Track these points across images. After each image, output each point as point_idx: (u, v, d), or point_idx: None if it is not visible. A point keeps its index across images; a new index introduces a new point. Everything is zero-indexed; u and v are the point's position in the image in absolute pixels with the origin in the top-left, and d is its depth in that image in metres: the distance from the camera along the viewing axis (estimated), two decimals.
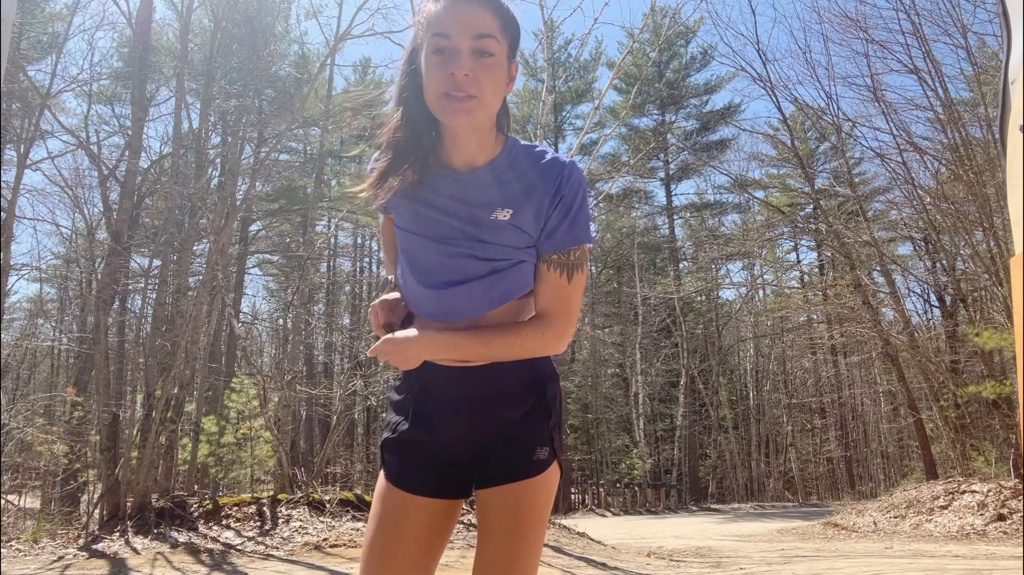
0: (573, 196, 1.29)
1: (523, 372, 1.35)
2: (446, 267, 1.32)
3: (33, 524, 10.29)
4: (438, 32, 1.22)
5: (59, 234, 24.47)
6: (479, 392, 1.34)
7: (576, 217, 1.30)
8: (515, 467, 1.30)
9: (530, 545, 1.29)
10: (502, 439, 1.33)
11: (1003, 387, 12.35)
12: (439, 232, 1.32)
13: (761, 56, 20.94)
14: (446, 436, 1.35)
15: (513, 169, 1.30)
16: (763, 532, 13.24)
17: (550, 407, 1.36)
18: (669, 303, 29.68)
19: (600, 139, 24.21)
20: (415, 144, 1.30)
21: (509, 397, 1.34)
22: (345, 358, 22.88)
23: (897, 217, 20.38)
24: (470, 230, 1.30)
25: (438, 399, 1.36)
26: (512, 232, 1.29)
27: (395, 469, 1.37)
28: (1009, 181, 1.08)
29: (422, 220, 1.33)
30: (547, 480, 1.32)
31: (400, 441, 1.38)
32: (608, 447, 30.32)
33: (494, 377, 1.33)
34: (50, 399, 17.08)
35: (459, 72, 1.20)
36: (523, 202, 1.28)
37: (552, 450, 1.33)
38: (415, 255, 1.35)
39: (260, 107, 18.26)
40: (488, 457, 1.33)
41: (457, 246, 1.31)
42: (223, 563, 6.88)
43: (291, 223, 24.66)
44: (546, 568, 6.64)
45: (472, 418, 1.34)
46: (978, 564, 6.75)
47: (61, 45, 13.23)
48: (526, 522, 1.29)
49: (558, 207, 1.29)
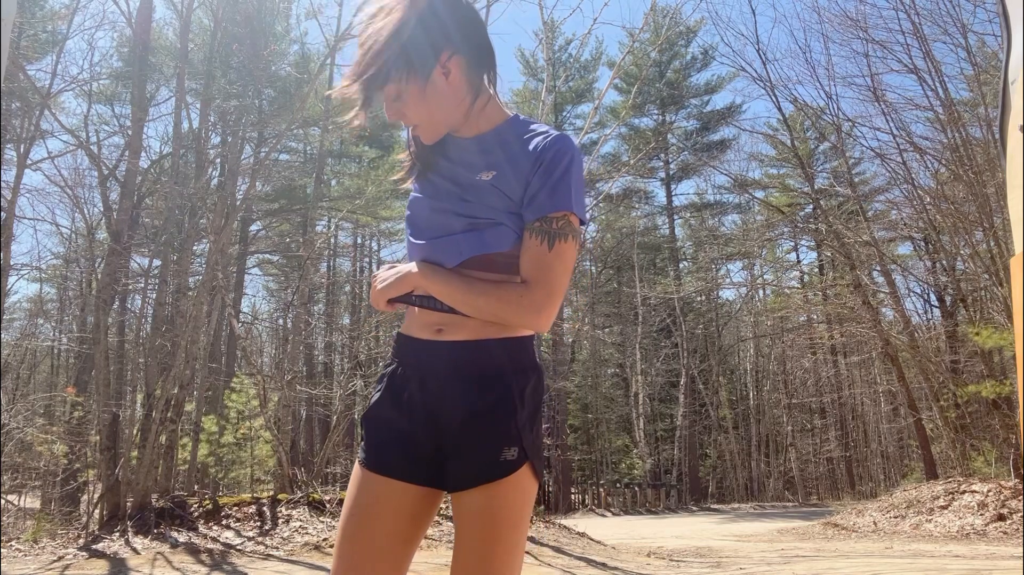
0: (555, 162, 1.27)
1: (491, 358, 1.29)
2: (432, 222, 1.37)
3: (33, 524, 10.29)
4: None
5: (59, 234, 24.51)
6: (445, 368, 1.29)
7: (558, 184, 1.27)
8: (480, 469, 1.23)
9: (503, 552, 1.22)
10: (464, 433, 1.26)
11: (1003, 387, 12.35)
12: (432, 190, 1.40)
13: (761, 56, 20.96)
14: (407, 410, 1.32)
15: (503, 139, 1.36)
16: (763, 532, 13.24)
17: (516, 402, 1.26)
18: (669, 303, 29.68)
19: (600, 139, 24.16)
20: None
21: (472, 380, 1.27)
22: (345, 358, 22.85)
23: (897, 217, 20.37)
24: (454, 189, 1.36)
25: (409, 369, 1.35)
26: (493, 194, 1.31)
27: (366, 448, 1.35)
28: (1009, 181, 1.08)
29: (425, 182, 1.43)
30: (518, 484, 1.24)
31: (372, 417, 1.37)
32: (608, 447, 30.33)
33: (461, 355, 1.29)
34: (50, 399, 17.09)
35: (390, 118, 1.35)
36: (505, 167, 1.32)
37: (522, 450, 1.24)
38: (413, 212, 1.43)
39: (260, 107, 18.26)
40: (452, 456, 1.28)
41: (441, 202, 1.37)
42: (223, 563, 6.88)
43: (291, 223, 24.65)
44: (546, 568, 6.64)
45: (433, 393, 1.30)
46: (978, 564, 6.75)
47: (61, 45, 13.23)
48: (498, 528, 1.22)
49: (539, 172, 1.28)
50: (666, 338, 31.94)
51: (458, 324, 1.30)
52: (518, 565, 1.25)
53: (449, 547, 7.06)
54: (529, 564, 6.73)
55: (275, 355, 27.96)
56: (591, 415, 30.04)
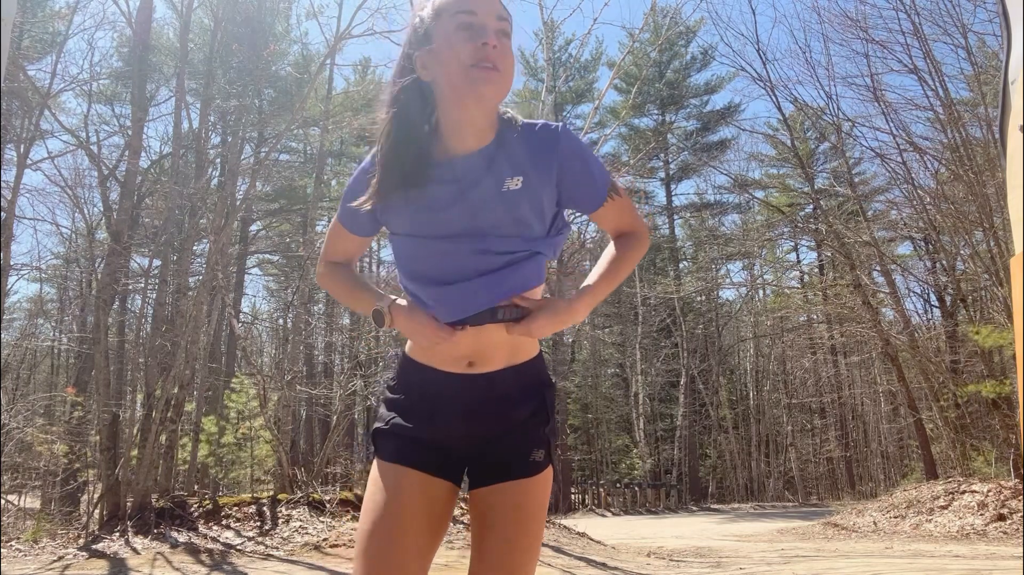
0: (580, 147, 1.35)
1: (523, 377, 1.39)
2: (447, 265, 1.32)
3: (33, 524, 10.29)
4: (464, 9, 1.26)
5: (59, 234, 24.48)
6: (480, 396, 1.36)
7: (591, 164, 1.38)
8: (513, 467, 1.33)
9: (529, 543, 1.32)
10: (500, 440, 1.36)
11: (1003, 387, 12.35)
12: (433, 226, 1.31)
13: (761, 56, 20.89)
14: (443, 434, 1.36)
15: (510, 142, 1.32)
16: (763, 532, 13.23)
17: (549, 412, 1.40)
18: (669, 303, 29.67)
19: (600, 139, 24.20)
20: (411, 142, 1.30)
21: (510, 400, 1.37)
22: (345, 358, 22.85)
23: (897, 217, 20.35)
24: (467, 219, 1.30)
25: (438, 400, 1.37)
26: (526, 202, 1.30)
27: (391, 449, 1.36)
28: (1009, 181, 1.08)
29: (422, 222, 1.32)
30: (543, 482, 1.36)
31: (394, 432, 1.38)
32: (608, 447, 30.33)
33: (495, 384, 1.36)
34: (50, 399, 17.09)
35: (491, 42, 1.24)
36: (528, 167, 1.31)
37: (547, 453, 1.37)
38: (418, 258, 1.35)
39: (260, 107, 18.27)
40: (485, 457, 1.36)
41: (458, 242, 1.31)
42: (223, 563, 6.88)
43: (291, 223, 24.67)
44: (546, 568, 6.64)
45: (472, 421, 1.36)
46: (978, 564, 6.75)
47: (61, 44, 13.21)
48: (526, 519, 1.32)
49: (573, 163, 1.34)
50: (666, 338, 31.93)
51: (487, 357, 1.36)
52: (537, 555, 1.36)
53: (449, 547, 7.05)
54: None
55: (275, 355, 27.96)
56: (591, 415, 30.04)
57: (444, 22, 1.27)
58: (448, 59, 1.26)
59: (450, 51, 1.26)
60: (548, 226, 1.36)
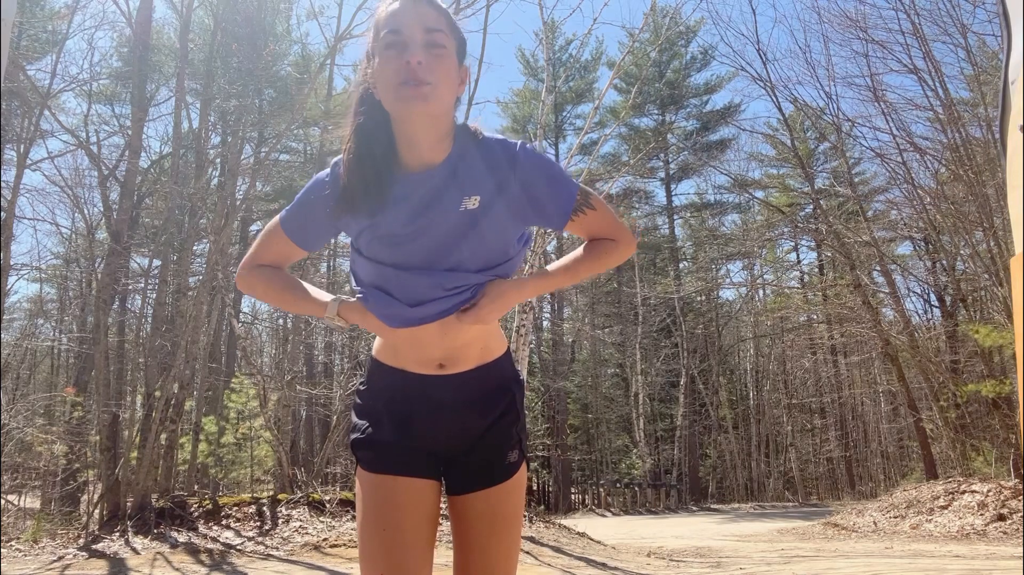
0: (540, 163, 1.32)
1: (493, 376, 1.41)
2: (418, 294, 1.30)
3: (33, 524, 10.29)
4: (390, 29, 1.25)
5: (59, 234, 24.48)
6: (452, 397, 1.37)
7: (557, 177, 1.34)
8: (489, 473, 1.37)
9: (507, 547, 1.37)
10: (475, 444, 1.38)
11: (1003, 387, 12.35)
12: (405, 262, 1.30)
13: (761, 56, 20.89)
14: (420, 438, 1.37)
15: (470, 157, 1.31)
16: (763, 532, 13.23)
17: (518, 411, 1.43)
18: (669, 303, 29.67)
19: (600, 139, 24.19)
20: (372, 157, 1.29)
21: (480, 402, 1.39)
22: (345, 358, 22.87)
23: (897, 217, 20.38)
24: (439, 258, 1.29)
25: (411, 402, 1.38)
26: (484, 222, 1.29)
27: (371, 458, 1.36)
28: (1009, 181, 1.08)
29: (382, 251, 1.31)
30: (518, 482, 1.41)
31: (372, 440, 1.38)
32: (608, 447, 30.31)
33: (467, 384, 1.38)
34: (50, 399, 17.08)
35: (413, 60, 1.22)
36: (486, 186, 1.29)
37: (520, 451, 1.42)
38: (379, 279, 1.34)
39: (260, 107, 18.26)
40: (462, 461, 1.38)
41: (424, 277, 1.29)
42: (223, 563, 6.88)
43: None
44: (546, 568, 6.63)
45: (447, 422, 1.37)
46: (978, 564, 6.75)
47: (61, 44, 13.21)
48: (503, 526, 1.37)
49: (534, 182, 1.31)
50: (666, 338, 31.92)
51: (458, 358, 1.37)
52: (516, 562, 1.42)
53: (449, 547, 7.05)
54: (529, 564, 6.73)
55: (275, 355, 27.94)
56: (591, 415, 30.03)
57: (378, 42, 1.27)
58: (380, 79, 1.26)
59: (381, 71, 1.26)
60: (509, 245, 1.35)
